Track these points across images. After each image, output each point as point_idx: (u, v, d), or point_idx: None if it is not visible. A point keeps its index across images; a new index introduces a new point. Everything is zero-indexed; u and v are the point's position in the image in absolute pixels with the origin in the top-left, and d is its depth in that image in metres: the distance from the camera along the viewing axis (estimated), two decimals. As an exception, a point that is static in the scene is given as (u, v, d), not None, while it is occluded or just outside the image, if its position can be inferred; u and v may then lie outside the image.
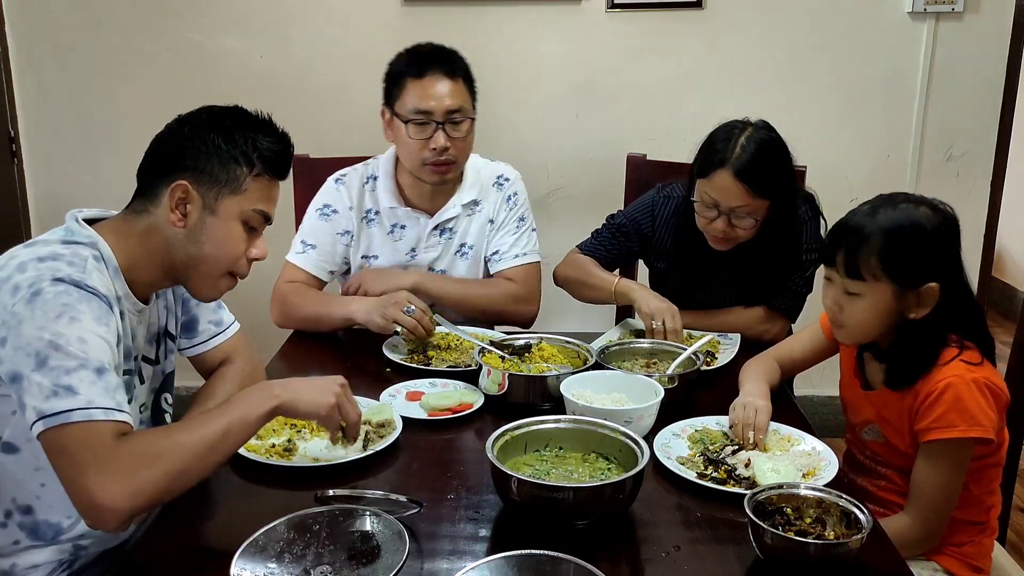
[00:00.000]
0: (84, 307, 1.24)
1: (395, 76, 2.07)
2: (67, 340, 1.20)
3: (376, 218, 2.19)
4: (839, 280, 1.53)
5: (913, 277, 1.49)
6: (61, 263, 1.27)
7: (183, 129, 1.40)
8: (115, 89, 3.14)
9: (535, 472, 1.39)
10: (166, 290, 1.54)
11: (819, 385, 3.11)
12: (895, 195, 1.55)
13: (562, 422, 1.47)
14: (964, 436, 1.48)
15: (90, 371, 1.20)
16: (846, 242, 1.51)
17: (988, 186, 3.15)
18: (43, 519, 1.37)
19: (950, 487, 1.52)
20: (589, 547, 1.23)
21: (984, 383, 1.49)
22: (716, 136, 1.96)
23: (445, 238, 2.20)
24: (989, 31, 3.02)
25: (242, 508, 1.37)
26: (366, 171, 2.21)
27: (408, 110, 2.02)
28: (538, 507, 1.26)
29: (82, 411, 1.17)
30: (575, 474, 1.40)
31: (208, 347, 1.65)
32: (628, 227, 2.20)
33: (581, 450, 1.45)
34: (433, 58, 2.05)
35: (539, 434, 1.45)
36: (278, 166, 1.44)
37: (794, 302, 2.11)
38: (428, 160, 2.05)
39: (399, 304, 1.92)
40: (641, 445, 1.36)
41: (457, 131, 2.05)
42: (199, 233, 1.39)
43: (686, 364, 1.80)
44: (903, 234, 1.48)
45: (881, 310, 1.52)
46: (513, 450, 1.42)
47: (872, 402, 1.64)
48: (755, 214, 1.94)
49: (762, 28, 3.03)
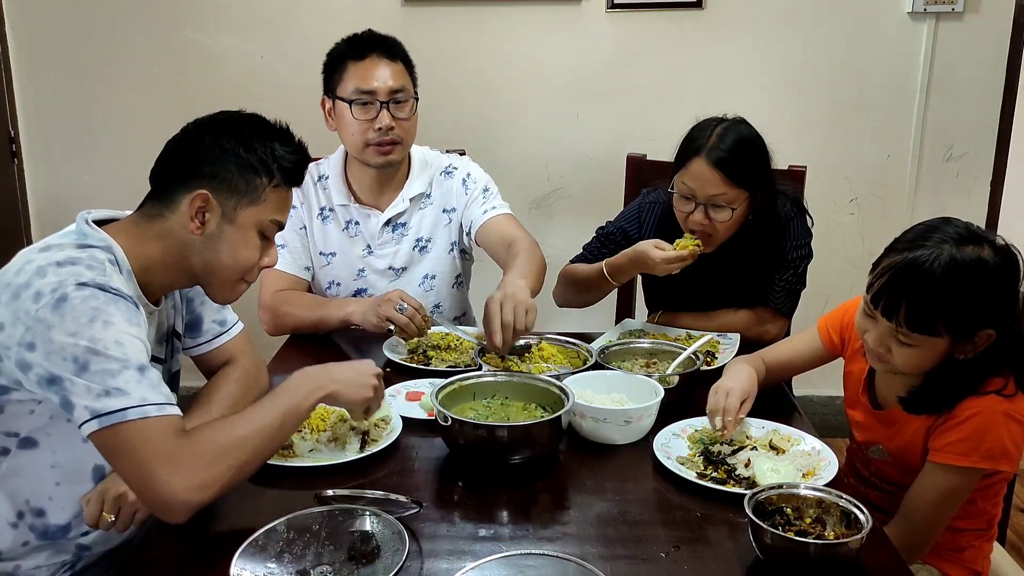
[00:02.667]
0: (113, 309, 1.25)
1: (335, 61, 2.09)
2: (105, 345, 1.21)
3: (331, 215, 2.19)
4: (890, 327, 1.42)
5: (973, 329, 1.41)
6: (81, 267, 1.27)
7: (202, 136, 1.41)
8: (115, 89, 3.14)
9: (477, 416, 1.54)
10: (170, 293, 1.54)
11: (819, 385, 3.11)
12: (957, 230, 1.41)
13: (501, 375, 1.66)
14: (974, 467, 1.44)
15: (133, 371, 1.22)
16: (909, 294, 1.38)
17: (988, 186, 3.16)
18: (54, 522, 1.39)
19: (947, 508, 1.49)
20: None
21: (1013, 415, 1.43)
22: (693, 130, 2.00)
23: (398, 234, 2.21)
24: (989, 31, 3.02)
25: (242, 508, 1.37)
26: (317, 170, 2.21)
27: (351, 91, 2.04)
28: (477, 446, 1.45)
29: (138, 408, 1.19)
30: (511, 420, 1.55)
31: (212, 347, 1.65)
32: (617, 235, 2.20)
33: (523, 400, 1.61)
34: (373, 43, 2.08)
35: (486, 386, 1.63)
36: (295, 176, 1.46)
37: (790, 300, 2.11)
38: (372, 141, 2.06)
39: (392, 302, 1.91)
40: (569, 394, 1.52)
41: (401, 111, 2.07)
42: (217, 242, 1.40)
43: (686, 364, 1.80)
44: (972, 289, 1.37)
45: (935, 356, 1.44)
46: (460, 399, 1.59)
47: (883, 422, 1.58)
48: (732, 204, 1.94)
49: (762, 28, 3.03)
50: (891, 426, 1.56)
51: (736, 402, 1.54)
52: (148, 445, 1.18)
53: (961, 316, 1.38)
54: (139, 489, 1.21)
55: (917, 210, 3.17)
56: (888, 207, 3.18)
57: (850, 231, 3.15)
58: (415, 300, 1.93)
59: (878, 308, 1.42)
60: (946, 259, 1.37)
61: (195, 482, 1.18)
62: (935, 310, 1.37)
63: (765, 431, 1.58)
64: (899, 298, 1.39)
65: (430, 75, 2.37)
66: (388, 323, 1.91)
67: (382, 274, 2.21)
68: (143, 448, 1.18)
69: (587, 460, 1.52)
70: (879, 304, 1.42)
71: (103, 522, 1.37)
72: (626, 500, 1.39)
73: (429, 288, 2.24)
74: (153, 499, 1.19)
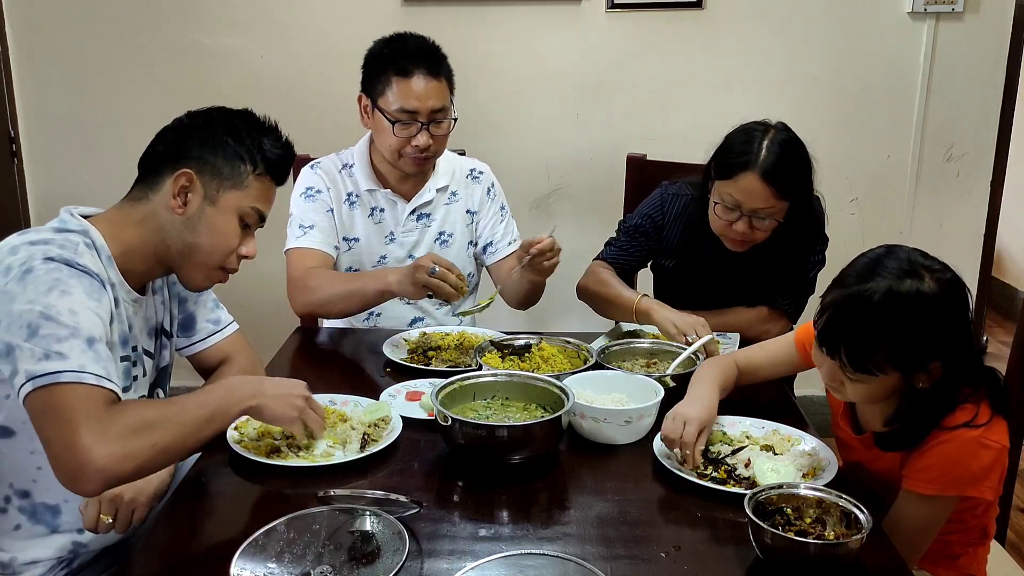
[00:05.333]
0: (75, 282, 1.27)
1: (378, 67, 2.08)
2: (58, 311, 1.22)
3: (357, 200, 2.20)
4: (836, 364, 1.39)
5: (923, 361, 1.36)
6: (52, 246, 1.30)
7: (193, 124, 1.44)
8: (115, 89, 3.14)
9: (477, 416, 1.55)
10: (162, 287, 1.56)
11: (819, 385, 3.07)
12: (899, 263, 1.36)
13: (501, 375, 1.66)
14: (942, 495, 1.41)
15: (80, 340, 1.22)
16: (848, 334, 1.36)
17: (988, 186, 3.16)
18: (40, 501, 1.39)
19: (925, 534, 1.46)
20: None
21: (983, 441, 1.38)
22: (736, 138, 1.95)
23: (423, 224, 2.22)
24: (989, 31, 3.02)
25: (242, 508, 1.37)
26: (340, 160, 2.23)
27: (394, 109, 2.04)
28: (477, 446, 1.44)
29: (73, 373, 1.19)
30: (512, 420, 1.55)
31: (206, 346, 1.65)
32: (645, 225, 2.18)
33: (523, 400, 1.62)
34: (418, 56, 2.05)
35: (486, 386, 1.63)
36: (279, 170, 1.49)
37: (797, 303, 2.11)
38: (409, 154, 2.08)
39: (423, 267, 1.88)
40: (569, 394, 1.52)
41: (439, 129, 2.08)
42: (197, 223, 1.42)
43: (686, 364, 1.79)
44: (910, 324, 1.33)
45: (887, 390, 1.41)
46: (460, 399, 1.59)
47: (864, 445, 1.56)
48: (776, 215, 1.93)
49: (762, 28, 3.03)
50: (871, 449, 1.54)
51: (693, 432, 1.47)
52: (76, 408, 1.17)
53: (904, 351, 1.34)
54: (58, 453, 1.17)
55: (917, 210, 3.17)
56: (888, 207, 3.18)
57: (850, 231, 3.14)
58: (446, 260, 1.91)
59: (822, 347, 1.41)
60: (882, 295, 1.33)
61: (116, 450, 1.16)
62: (875, 349, 1.34)
63: (765, 431, 1.58)
64: (839, 338, 1.37)
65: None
66: (426, 290, 1.91)
67: (402, 262, 2.22)
68: (71, 412, 1.16)
69: (587, 460, 1.52)
70: (823, 343, 1.40)
71: (101, 525, 1.37)
72: (626, 500, 1.39)
73: None
74: (70, 463, 1.16)
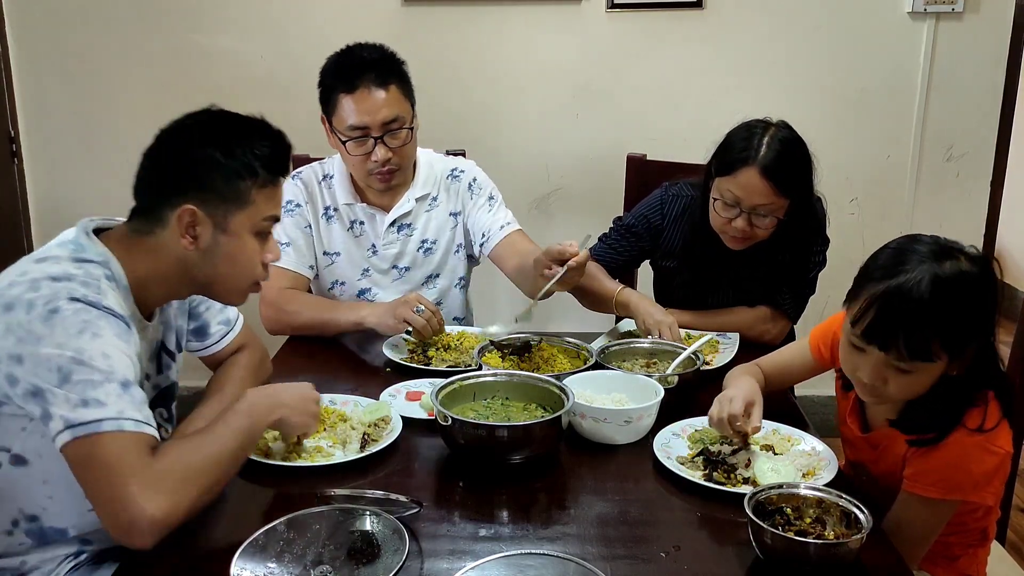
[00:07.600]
0: (104, 323, 1.24)
1: (327, 87, 2.04)
2: (90, 356, 1.19)
3: (335, 215, 2.19)
4: (886, 358, 1.35)
5: (966, 344, 1.35)
6: (75, 283, 1.26)
7: (179, 146, 1.36)
8: (115, 89, 3.14)
9: (477, 416, 1.55)
10: (167, 306, 1.52)
11: (819, 385, 3.07)
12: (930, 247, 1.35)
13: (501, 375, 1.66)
14: (943, 499, 1.41)
15: (116, 384, 1.20)
16: (904, 323, 1.32)
17: (988, 186, 3.16)
18: (49, 526, 1.37)
19: (925, 537, 1.46)
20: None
21: (987, 446, 1.38)
22: (737, 135, 1.95)
23: (404, 234, 2.20)
24: (989, 31, 3.02)
25: (242, 508, 1.37)
26: (321, 170, 2.21)
27: (345, 127, 2.00)
28: (477, 446, 1.45)
29: (112, 421, 1.17)
30: (512, 420, 1.55)
31: (221, 346, 1.66)
32: (639, 226, 2.19)
33: (523, 400, 1.62)
34: (363, 67, 1.99)
35: (486, 386, 1.63)
36: (279, 166, 1.42)
37: (798, 304, 2.11)
38: (372, 171, 2.06)
39: (409, 304, 1.91)
40: (569, 394, 1.52)
41: (396, 139, 2.03)
42: (215, 255, 1.38)
43: (686, 364, 1.80)
44: (961, 304, 1.32)
45: (931, 380, 1.38)
46: (460, 399, 1.60)
47: (870, 444, 1.56)
48: (776, 212, 1.93)
49: (762, 28, 3.03)
50: (875, 449, 1.54)
51: (740, 405, 1.49)
52: (121, 460, 1.15)
53: (956, 334, 1.33)
54: (107, 506, 1.16)
55: (917, 210, 3.17)
56: (888, 207, 3.18)
57: (850, 231, 3.14)
58: (431, 303, 1.94)
59: (873, 343, 1.35)
60: (930, 280, 1.31)
61: (166, 502, 1.15)
62: (934, 334, 1.32)
63: (765, 431, 1.58)
64: (894, 329, 1.32)
65: (430, 75, 2.37)
66: (406, 325, 1.92)
67: (386, 273, 2.21)
68: (115, 463, 1.15)
69: (587, 460, 1.52)
70: (873, 338, 1.35)
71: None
72: (626, 500, 1.40)
73: (432, 287, 2.25)
74: (122, 518, 1.15)
